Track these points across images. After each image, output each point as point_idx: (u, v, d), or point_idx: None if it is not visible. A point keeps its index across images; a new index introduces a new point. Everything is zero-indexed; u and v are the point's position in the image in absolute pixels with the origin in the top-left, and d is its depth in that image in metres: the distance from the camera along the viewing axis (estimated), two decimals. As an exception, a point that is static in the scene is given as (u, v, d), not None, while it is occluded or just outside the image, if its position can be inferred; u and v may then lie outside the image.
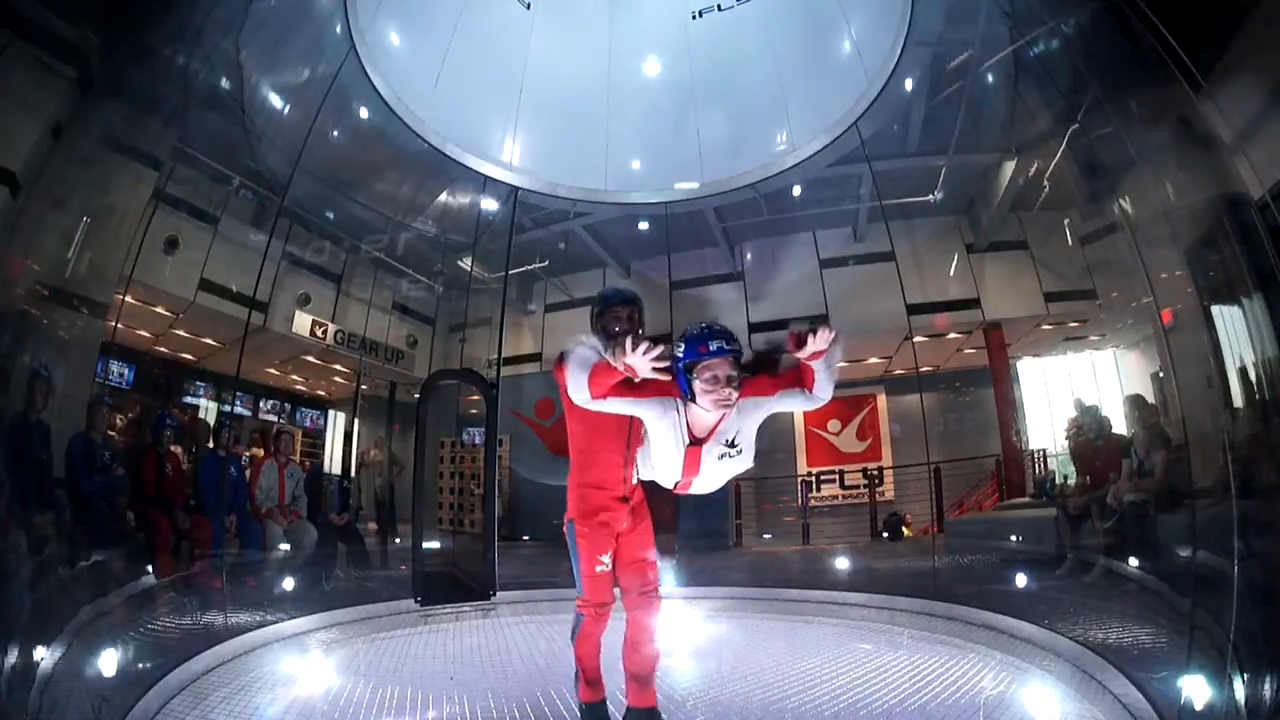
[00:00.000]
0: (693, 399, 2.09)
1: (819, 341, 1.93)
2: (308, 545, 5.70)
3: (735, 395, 2.06)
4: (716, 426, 2.16)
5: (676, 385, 2.11)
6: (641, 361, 1.89)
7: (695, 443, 2.18)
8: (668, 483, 2.38)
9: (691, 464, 2.23)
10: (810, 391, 2.10)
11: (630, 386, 2.09)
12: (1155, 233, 3.90)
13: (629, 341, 1.89)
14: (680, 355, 2.07)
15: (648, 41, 6.15)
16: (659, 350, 1.91)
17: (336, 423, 8.99)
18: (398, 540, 7.32)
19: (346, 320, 7.93)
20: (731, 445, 2.19)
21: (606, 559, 2.43)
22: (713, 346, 2.03)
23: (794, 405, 2.19)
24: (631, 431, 2.43)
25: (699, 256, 8.53)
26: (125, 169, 4.63)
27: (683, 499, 2.62)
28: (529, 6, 5.78)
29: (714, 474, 2.30)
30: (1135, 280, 4.20)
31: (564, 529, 2.48)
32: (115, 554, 4.31)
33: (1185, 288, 3.72)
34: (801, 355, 2.00)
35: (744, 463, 2.26)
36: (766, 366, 2.22)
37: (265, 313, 6.69)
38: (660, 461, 2.28)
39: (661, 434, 2.20)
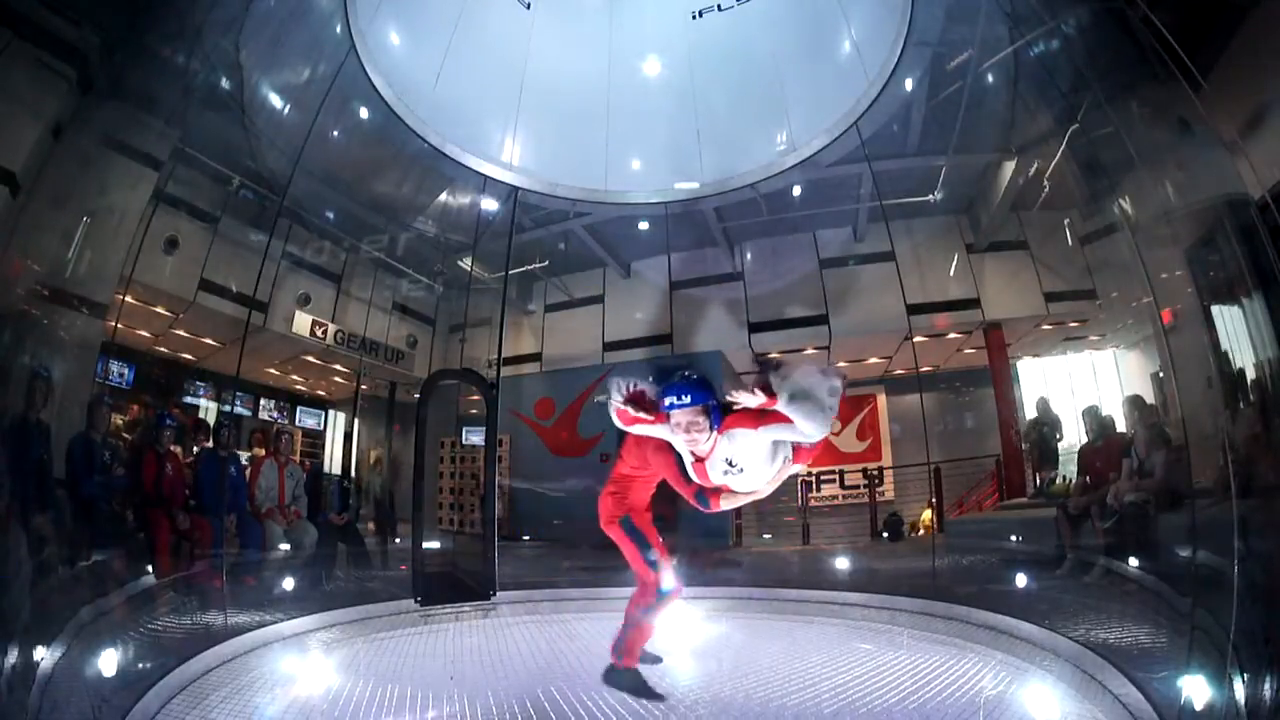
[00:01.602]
0: None
1: (746, 399, 2.31)
2: (308, 545, 5.69)
3: (700, 436, 2.44)
4: (712, 449, 2.51)
5: None
6: (629, 410, 2.54)
7: (698, 460, 2.56)
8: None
9: (702, 475, 2.60)
10: (793, 426, 2.31)
11: (642, 418, 2.58)
12: (1155, 233, 3.91)
13: (616, 399, 2.57)
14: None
15: (648, 41, 6.15)
16: (636, 407, 2.54)
17: (336, 423, 8.99)
18: (398, 540, 7.32)
19: (346, 320, 7.93)
20: (731, 464, 2.51)
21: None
22: (666, 403, 2.44)
23: (790, 437, 2.42)
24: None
25: (699, 256, 8.52)
26: (125, 169, 4.63)
27: (683, 500, 2.85)
28: (529, 6, 5.77)
29: (741, 480, 2.58)
30: (1135, 280, 4.20)
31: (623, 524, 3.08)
32: (115, 554, 4.31)
33: (1185, 288, 3.73)
34: (747, 406, 2.34)
35: (759, 472, 2.53)
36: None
37: (265, 313, 6.69)
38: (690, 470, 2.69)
39: (680, 449, 2.61)
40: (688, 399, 2.40)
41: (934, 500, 7.79)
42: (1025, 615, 3.88)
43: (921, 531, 7.93)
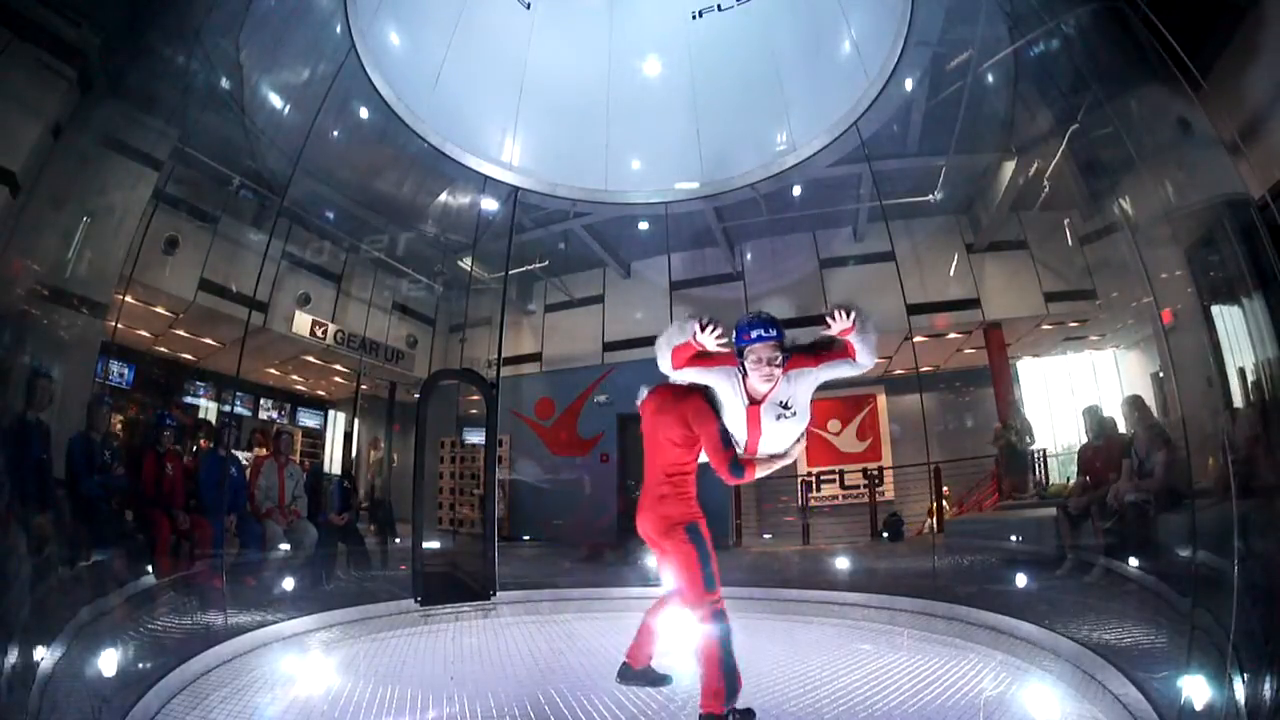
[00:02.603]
0: (745, 374, 2.56)
1: (837, 324, 2.44)
2: (308, 545, 5.69)
3: (777, 371, 2.51)
4: (770, 391, 2.58)
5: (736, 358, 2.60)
6: (709, 339, 2.49)
7: (754, 403, 2.60)
8: (741, 444, 2.72)
9: (754, 422, 2.62)
10: (854, 360, 2.52)
11: (701, 359, 2.60)
12: (1155, 233, 3.91)
13: (698, 324, 2.49)
14: (735, 340, 2.56)
15: (648, 41, 6.15)
16: (720, 330, 2.50)
17: (336, 423, 8.99)
18: (398, 540, 7.33)
19: (346, 320, 7.93)
20: (785, 407, 2.59)
21: None
22: (753, 335, 2.50)
23: (841, 372, 2.60)
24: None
25: (699, 256, 8.52)
26: (125, 169, 4.63)
27: None
28: (529, 6, 5.78)
29: (776, 434, 2.65)
30: (1135, 280, 4.20)
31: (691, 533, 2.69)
32: (115, 554, 4.31)
33: (1185, 288, 3.73)
34: (833, 332, 2.48)
35: (801, 424, 2.64)
36: (814, 343, 2.65)
37: (265, 313, 6.69)
38: (731, 423, 2.66)
39: (727, 397, 2.63)
40: (773, 331, 2.49)
41: (935, 500, 7.79)
42: (1025, 615, 3.88)
43: (927, 528, 7.92)
